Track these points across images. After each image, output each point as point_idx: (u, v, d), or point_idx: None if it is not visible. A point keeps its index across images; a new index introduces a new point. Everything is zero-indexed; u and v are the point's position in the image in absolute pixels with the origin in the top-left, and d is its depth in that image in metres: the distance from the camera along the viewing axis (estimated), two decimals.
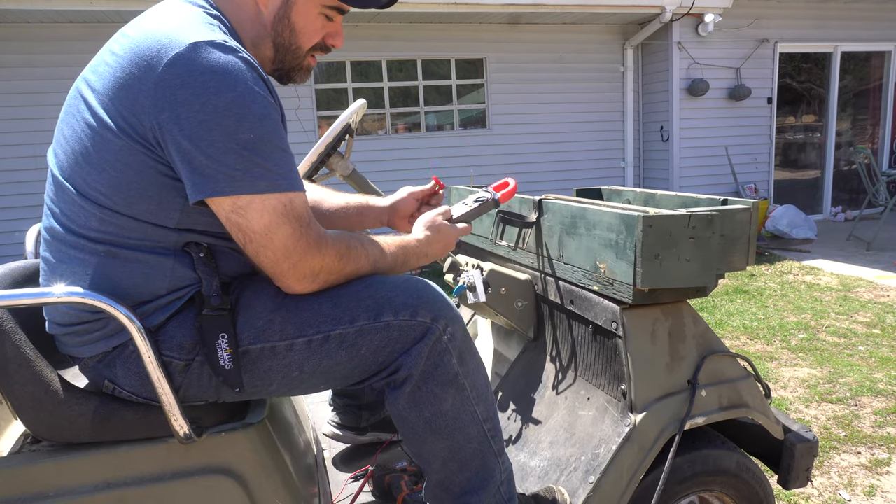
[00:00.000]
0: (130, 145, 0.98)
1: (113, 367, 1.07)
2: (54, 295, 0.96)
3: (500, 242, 1.81)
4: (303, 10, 1.15)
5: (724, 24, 6.84)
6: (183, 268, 1.06)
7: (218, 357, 1.05)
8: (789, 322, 4.07)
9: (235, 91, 0.95)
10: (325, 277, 1.09)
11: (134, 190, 1.00)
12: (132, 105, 0.96)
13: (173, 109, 0.94)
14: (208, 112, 0.94)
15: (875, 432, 2.60)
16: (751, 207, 1.38)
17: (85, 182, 1.01)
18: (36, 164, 5.68)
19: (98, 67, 1.03)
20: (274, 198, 0.99)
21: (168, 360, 1.05)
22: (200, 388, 1.08)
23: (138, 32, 1.01)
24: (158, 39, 0.97)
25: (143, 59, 0.96)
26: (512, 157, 7.07)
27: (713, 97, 7.05)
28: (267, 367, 1.09)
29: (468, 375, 1.19)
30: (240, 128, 0.95)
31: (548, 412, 1.55)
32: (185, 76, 0.94)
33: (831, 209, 8.00)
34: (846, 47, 7.61)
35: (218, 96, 0.94)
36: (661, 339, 1.36)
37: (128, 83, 0.97)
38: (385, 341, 1.12)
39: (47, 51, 5.61)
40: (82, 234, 1.03)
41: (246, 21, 1.14)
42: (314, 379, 1.13)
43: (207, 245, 1.07)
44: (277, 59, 1.20)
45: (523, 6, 6.16)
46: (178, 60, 0.94)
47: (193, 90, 0.94)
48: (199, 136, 0.94)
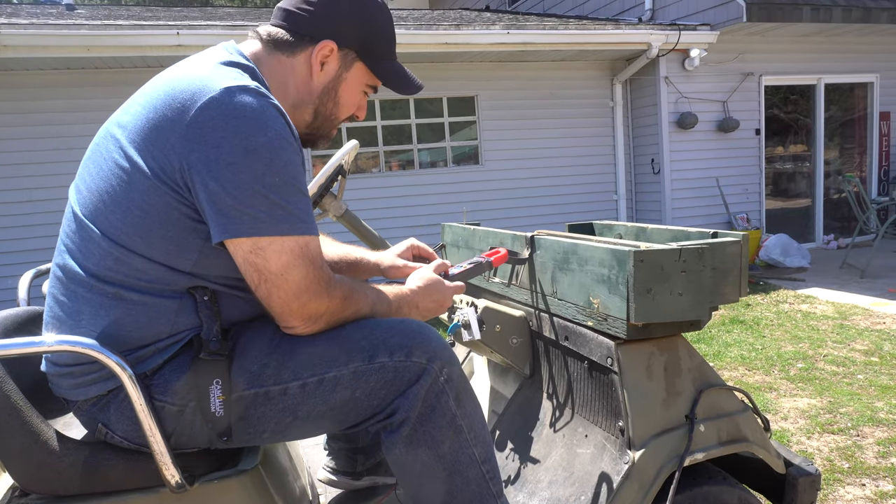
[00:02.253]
0: (157, 186, 1.00)
1: (107, 410, 1.06)
2: (46, 344, 0.95)
3: (494, 279, 1.81)
4: (351, 85, 1.23)
5: (710, 59, 6.99)
6: (186, 312, 1.06)
7: (210, 403, 1.04)
8: (787, 351, 4.06)
9: (266, 135, 0.98)
10: (327, 319, 1.10)
11: (155, 231, 1.02)
12: (163, 146, 0.99)
13: (204, 151, 0.97)
14: (238, 155, 0.97)
15: (879, 463, 2.57)
16: (741, 240, 1.39)
17: (107, 220, 1.02)
18: (31, 208, 5.69)
19: (131, 108, 1.06)
20: (293, 240, 1.02)
21: (161, 405, 1.04)
22: (193, 434, 1.07)
23: (173, 77, 1.04)
24: (193, 83, 1.00)
25: (176, 102, 0.99)
26: (505, 192, 7.13)
27: (702, 129, 7.16)
28: (261, 413, 1.08)
29: (465, 417, 1.18)
30: (267, 171, 0.98)
31: (546, 450, 1.53)
32: (218, 119, 0.97)
33: (823, 237, 8.05)
34: (829, 79, 7.77)
35: (249, 139, 0.97)
36: (657, 374, 1.35)
37: (160, 124, 0.99)
38: (380, 383, 1.11)
39: (43, 97, 5.68)
40: (94, 274, 1.04)
41: (291, 84, 1.19)
42: (308, 424, 1.12)
43: (212, 290, 1.08)
44: (314, 125, 1.25)
45: (512, 45, 6.30)
46: (212, 103, 0.97)
47: (225, 133, 0.97)
48: (227, 178, 0.97)
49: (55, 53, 5.14)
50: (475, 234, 1.97)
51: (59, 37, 5.04)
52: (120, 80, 5.78)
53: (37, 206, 5.69)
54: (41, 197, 5.69)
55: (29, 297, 1.70)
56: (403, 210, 6.78)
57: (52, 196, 5.69)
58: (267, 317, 1.12)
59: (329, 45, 1.17)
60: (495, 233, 1.82)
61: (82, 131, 5.69)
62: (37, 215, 5.69)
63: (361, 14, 1.19)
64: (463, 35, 6.13)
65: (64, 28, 5.08)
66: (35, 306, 1.39)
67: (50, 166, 5.70)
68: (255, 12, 7.97)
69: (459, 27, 6.31)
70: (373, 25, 1.21)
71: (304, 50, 1.18)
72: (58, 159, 5.69)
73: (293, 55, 1.18)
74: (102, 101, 5.74)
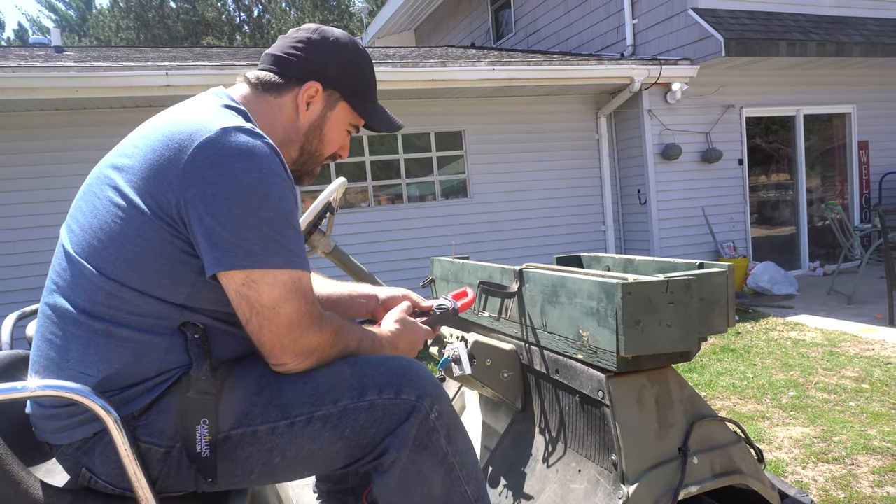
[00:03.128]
0: (153, 222, 1.02)
1: (91, 454, 1.04)
2: (29, 389, 0.94)
3: (484, 313, 1.81)
4: (335, 124, 1.31)
5: (691, 92, 7.15)
6: (175, 350, 1.06)
7: (196, 443, 1.03)
8: (778, 379, 4.06)
9: (261, 172, 1.02)
10: (318, 355, 1.10)
11: (150, 265, 1.03)
12: (161, 184, 1.01)
13: (200, 187, 0.99)
14: (234, 190, 1.00)
15: (874, 492, 2.55)
16: (727, 270, 1.40)
17: (100, 257, 1.03)
18: (13, 248, 5.64)
19: (126, 150, 1.08)
20: (286, 273, 1.04)
21: (147, 448, 1.02)
22: (179, 477, 1.05)
23: (169, 120, 1.07)
24: (190, 125, 1.04)
25: (174, 142, 1.02)
26: (494, 224, 7.18)
27: (686, 160, 7.28)
28: (248, 453, 1.06)
29: (457, 454, 1.17)
30: (262, 206, 1.01)
31: (539, 486, 1.51)
32: (215, 157, 1.01)
33: (809, 264, 8.14)
34: (808, 110, 7.95)
35: (244, 175, 1.00)
36: (649, 407, 1.35)
37: (158, 165, 1.02)
38: (370, 421, 1.10)
39: (34, 137, 5.69)
40: (84, 310, 1.03)
41: (279, 123, 1.24)
42: (297, 465, 1.10)
43: (204, 326, 1.08)
44: (299, 162, 1.31)
45: (498, 81, 6.41)
46: (208, 143, 1.01)
47: (221, 170, 1.00)
48: (222, 213, 0.99)
49: (44, 95, 5.16)
50: (464, 268, 1.97)
51: (47, 78, 5.07)
52: (110, 120, 5.81)
53: (18, 247, 5.64)
54: (30, 237, 5.65)
55: (12, 339, 1.67)
56: (392, 244, 6.79)
57: (41, 236, 5.66)
58: (256, 355, 1.12)
59: (314, 85, 1.24)
60: (484, 266, 1.82)
61: (72, 171, 5.70)
62: (26, 255, 5.64)
63: (345, 58, 1.27)
64: (449, 72, 6.24)
65: (53, 70, 5.11)
66: (18, 350, 1.36)
67: (40, 206, 5.67)
68: (243, 52, 8.09)
69: (446, 64, 6.43)
70: (355, 68, 1.29)
71: (290, 91, 1.24)
72: (48, 199, 5.67)
73: (280, 96, 1.24)
74: (93, 140, 5.76)
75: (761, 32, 6.73)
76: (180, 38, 23.13)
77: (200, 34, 23.68)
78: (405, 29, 13.61)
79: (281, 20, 24.79)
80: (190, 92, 5.51)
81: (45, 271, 5.81)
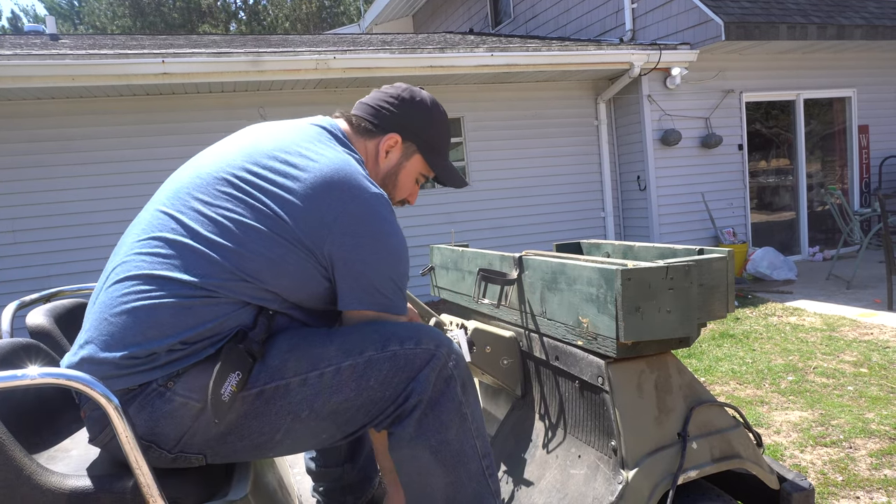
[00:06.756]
0: (301, 251, 1.19)
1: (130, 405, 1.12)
2: (29, 377, 0.94)
3: (483, 300, 1.81)
4: (409, 172, 1.50)
5: (691, 77, 7.11)
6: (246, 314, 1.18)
7: (223, 386, 1.10)
8: (777, 364, 4.07)
9: (398, 237, 1.27)
10: None
11: (292, 275, 1.19)
12: (316, 219, 1.18)
13: (354, 238, 1.20)
14: (380, 247, 1.23)
15: (872, 475, 2.57)
16: (726, 256, 1.40)
17: (235, 252, 1.15)
18: (13, 238, 5.63)
19: (262, 160, 1.23)
20: (400, 318, 1.31)
21: (184, 402, 1.11)
22: (205, 435, 1.14)
23: (328, 163, 1.24)
24: (347, 176, 1.23)
25: (334, 190, 1.20)
26: (493, 211, 7.17)
27: (686, 146, 7.25)
28: (279, 407, 1.16)
29: (470, 405, 1.27)
30: (398, 264, 1.27)
31: (539, 472, 1.52)
32: (369, 216, 1.22)
33: (809, 249, 8.14)
34: (808, 94, 7.91)
35: (389, 238, 1.24)
36: (648, 392, 1.35)
37: (317, 206, 1.19)
38: (392, 371, 1.21)
39: (28, 126, 5.65)
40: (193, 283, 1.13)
41: (366, 164, 1.43)
42: (324, 422, 1.19)
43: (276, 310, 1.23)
44: None
45: (497, 67, 6.37)
46: (365, 204, 1.22)
47: (372, 228, 1.22)
48: (371, 264, 1.22)
49: (39, 83, 5.12)
50: (464, 256, 1.97)
51: (43, 66, 5.03)
52: (106, 108, 5.78)
53: (19, 237, 5.64)
54: (27, 227, 5.64)
55: (12, 328, 1.67)
56: None
57: (38, 225, 5.64)
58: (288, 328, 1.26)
59: (395, 137, 1.45)
60: (483, 254, 1.82)
61: (69, 160, 5.67)
62: (24, 245, 5.64)
63: (427, 118, 1.48)
64: (448, 58, 6.20)
65: (48, 58, 5.07)
66: (18, 338, 1.36)
67: (37, 195, 5.66)
68: (240, 39, 8.01)
69: (444, 50, 6.39)
70: (433, 128, 1.49)
71: (375, 138, 1.45)
72: (45, 188, 5.66)
73: (369, 140, 1.45)
74: (89, 129, 5.73)
75: (761, 16, 6.68)
76: (176, 26, 22.95)
77: (196, 21, 23.50)
78: (403, 15, 13.51)
79: (277, 7, 24.60)
80: (187, 80, 5.51)
81: (44, 261, 5.81)
